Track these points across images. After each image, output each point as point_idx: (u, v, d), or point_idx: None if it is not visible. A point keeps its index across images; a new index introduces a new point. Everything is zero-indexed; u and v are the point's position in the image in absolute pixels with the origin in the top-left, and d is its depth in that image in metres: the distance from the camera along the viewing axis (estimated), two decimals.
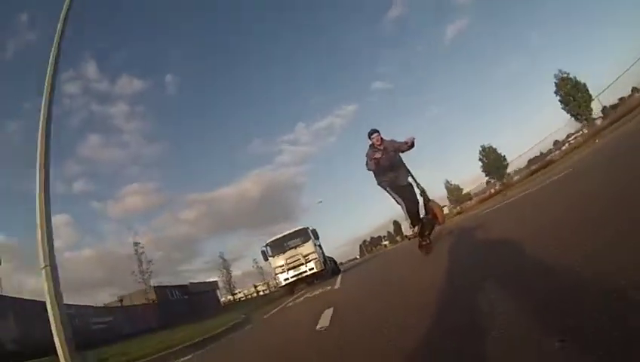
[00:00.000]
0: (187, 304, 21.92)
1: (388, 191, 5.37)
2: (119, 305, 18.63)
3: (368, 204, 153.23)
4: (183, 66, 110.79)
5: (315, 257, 14.50)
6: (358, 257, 75.35)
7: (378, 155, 5.12)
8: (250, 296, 41.93)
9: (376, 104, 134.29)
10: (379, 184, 5.48)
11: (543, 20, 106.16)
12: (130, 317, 15.60)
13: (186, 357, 5.23)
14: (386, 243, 76.11)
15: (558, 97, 26.12)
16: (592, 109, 24.98)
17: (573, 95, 25.17)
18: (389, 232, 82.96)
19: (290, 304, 8.43)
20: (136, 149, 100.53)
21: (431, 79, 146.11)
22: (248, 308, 14.43)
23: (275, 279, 16.80)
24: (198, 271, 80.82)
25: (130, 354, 6.23)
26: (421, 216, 5.49)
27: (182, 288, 22.20)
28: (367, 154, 5.36)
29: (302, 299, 8.36)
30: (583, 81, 25.50)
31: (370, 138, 5.47)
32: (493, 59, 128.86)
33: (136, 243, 21.28)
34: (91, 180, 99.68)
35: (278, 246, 15.00)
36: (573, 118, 25.85)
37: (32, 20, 79.66)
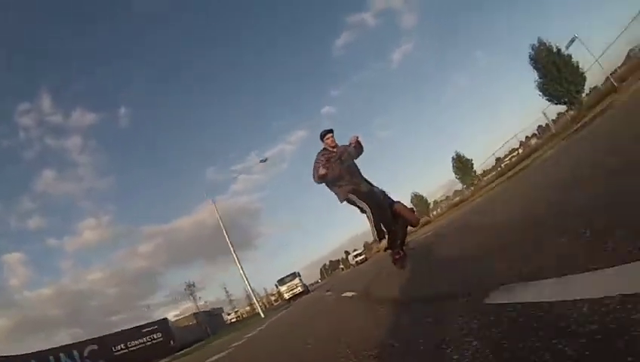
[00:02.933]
0: (214, 323, 29.52)
1: (349, 199, 4.38)
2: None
3: (326, 226, 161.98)
4: (135, 99, 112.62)
5: (300, 285, 30.30)
6: (319, 281, 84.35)
7: (322, 172, 4.25)
8: (236, 319, 50.70)
9: (326, 128, 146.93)
10: (336, 193, 4.52)
11: (486, 39, 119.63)
12: (186, 330, 24.24)
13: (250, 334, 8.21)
14: (342, 266, 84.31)
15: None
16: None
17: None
18: (346, 251, 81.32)
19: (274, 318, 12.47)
20: (91, 183, 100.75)
21: (381, 102, 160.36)
22: (248, 323, 20.29)
23: (281, 297, 33.23)
24: (158, 306, 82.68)
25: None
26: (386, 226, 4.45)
27: (207, 312, 32.60)
28: (316, 160, 4.47)
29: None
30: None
31: (322, 140, 4.63)
32: (441, 78, 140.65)
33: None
34: (46, 216, 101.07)
35: (282, 281, 31.25)
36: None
37: None
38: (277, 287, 32.75)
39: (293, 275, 31.03)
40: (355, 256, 51.37)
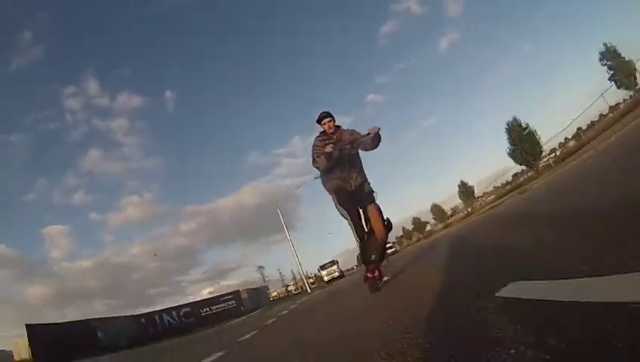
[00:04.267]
0: (258, 298, 36.47)
1: (333, 197, 4.04)
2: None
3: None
4: (181, 82, 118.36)
5: (337, 270, 36.81)
6: (355, 267, 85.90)
7: (329, 148, 3.76)
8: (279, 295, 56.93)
9: (371, 116, 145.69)
10: (324, 184, 4.15)
11: (533, 28, 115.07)
12: (245, 300, 30.65)
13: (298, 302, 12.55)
14: (391, 249, 78.84)
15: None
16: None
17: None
18: (403, 228, 76.47)
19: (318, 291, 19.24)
20: (136, 163, 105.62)
21: (426, 90, 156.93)
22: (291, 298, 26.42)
23: (323, 279, 38.29)
24: (194, 282, 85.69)
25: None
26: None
27: (258, 289, 37.88)
28: (314, 145, 4.06)
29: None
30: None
31: (320, 124, 4.13)
32: (486, 65, 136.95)
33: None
34: (91, 192, 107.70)
35: (323, 267, 38.22)
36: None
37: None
38: (319, 271, 39.47)
39: (332, 262, 37.63)
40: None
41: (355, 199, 4.01)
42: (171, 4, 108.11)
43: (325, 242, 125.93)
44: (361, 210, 4.00)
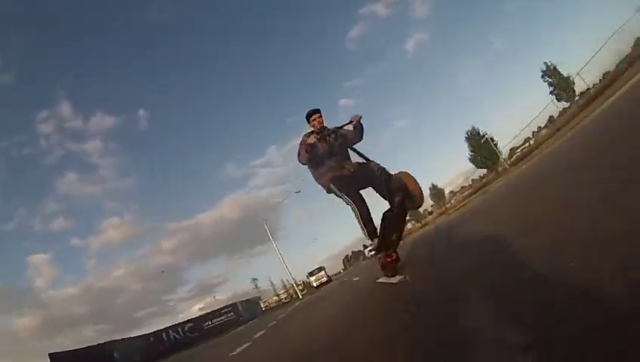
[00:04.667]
0: (253, 308, 38.32)
1: (331, 190, 3.77)
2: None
3: (347, 217, 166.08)
4: (153, 99, 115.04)
5: (325, 276, 39.88)
6: (342, 271, 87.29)
7: (312, 139, 3.71)
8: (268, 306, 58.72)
9: (343, 120, 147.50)
10: (317, 181, 3.94)
11: (502, 25, 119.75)
12: (242, 311, 32.37)
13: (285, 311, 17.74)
14: (362, 257, 78.79)
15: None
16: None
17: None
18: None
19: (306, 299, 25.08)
20: (113, 184, 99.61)
21: (396, 92, 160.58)
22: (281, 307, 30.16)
23: (312, 285, 40.64)
24: (182, 300, 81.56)
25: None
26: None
27: (248, 301, 39.66)
28: (301, 141, 3.84)
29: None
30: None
31: (309, 121, 3.97)
32: (456, 65, 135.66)
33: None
34: (71, 217, 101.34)
35: (312, 273, 41.28)
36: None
37: None
38: (308, 278, 42.54)
39: (320, 269, 41.25)
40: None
41: (356, 181, 3.71)
42: (135, 19, 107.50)
43: (309, 249, 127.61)
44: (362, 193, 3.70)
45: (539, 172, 7.67)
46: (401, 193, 3.47)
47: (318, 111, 4.05)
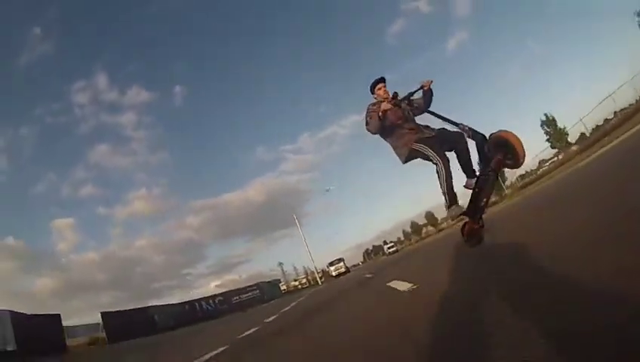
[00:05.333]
0: (274, 290, 40.74)
1: (415, 150, 3.50)
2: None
3: (372, 210, 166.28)
4: (190, 77, 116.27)
5: (343, 266, 42.10)
6: (360, 263, 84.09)
7: (385, 105, 3.42)
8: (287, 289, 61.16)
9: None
10: (395, 147, 3.72)
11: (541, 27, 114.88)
12: (264, 292, 34.70)
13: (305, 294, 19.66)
14: (382, 252, 75.18)
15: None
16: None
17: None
18: (398, 238, 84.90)
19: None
20: (144, 157, 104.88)
21: (434, 88, 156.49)
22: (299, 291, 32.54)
23: (330, 274, 42.82)
24: (200, 276, 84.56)
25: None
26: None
27: (270, 282, 42.14)
28: (367, 110, 3.72)
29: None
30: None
31: (372, 91, 3.86)
32: (496, 66, 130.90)
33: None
34: (99, 186, 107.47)
35: (331, 264, 43.91)
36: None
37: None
38: (327, 267, 45.31)
39: (339, 260, 43.73)
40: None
41: (440, 144, 3.50)
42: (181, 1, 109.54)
43: (331, 239, 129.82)
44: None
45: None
46: (503, 150, 3.21)
47: (383, 80, 3.90)
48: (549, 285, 1.69)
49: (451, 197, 3.39)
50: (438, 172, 3.41)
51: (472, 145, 3.43)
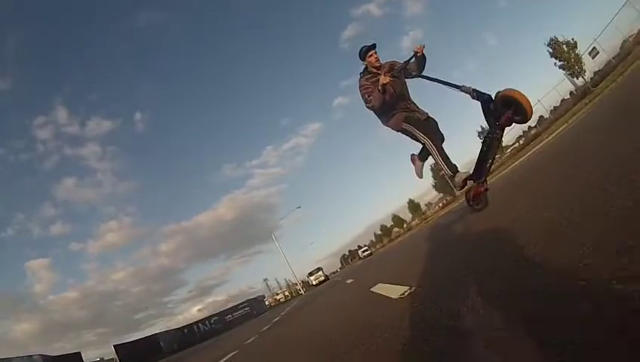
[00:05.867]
0: (261, 305, 43.40)
1: (404, 130, 3.66)
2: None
3: (344, 217, 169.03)
4: (149, 102, 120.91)
5: (323, 275, 45.11)
6: (338, 269, 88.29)
7: (385, 79, 3.41)
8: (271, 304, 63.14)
9: (339, 119, 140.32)
10: (386, 123, 3.81)
11: (496, 22, 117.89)
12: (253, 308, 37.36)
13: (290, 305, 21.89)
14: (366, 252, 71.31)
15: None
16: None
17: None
18: (371, 241, 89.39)
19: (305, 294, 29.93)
20: (111, 188, 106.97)
21: None
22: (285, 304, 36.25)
23: (311, 284, 45.57)
24: (181, 302, 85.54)
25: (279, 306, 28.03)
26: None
27: (255, 299, 44.86)
28: (361, 85, 3.74)
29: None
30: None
31: (364, 58, 3.80)
32: (452, 62, 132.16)
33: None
34: (69, 222, 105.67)
35: (311, 273, 46.53)
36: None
37: None
38: (307, 277, 47.94)
39: (318, 269, 46.66)
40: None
41: (432, 123, 3.68)
42: (135, 24, 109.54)
43: (305, 248, 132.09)
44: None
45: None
46: (512, 107, 3.18)
47: (374, 46, 3.79)
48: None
49: (450, 166, 3.43)
50: (428, 148, 3.50)
51: (477, 106, 3.32)
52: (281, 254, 35.78)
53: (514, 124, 3.39)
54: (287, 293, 63.38)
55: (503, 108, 3.25)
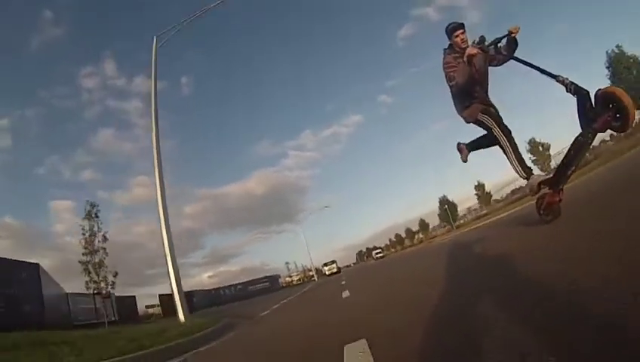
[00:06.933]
0: (276, 283, 47.60)
1: (480, 120, 3.48)
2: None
3: (368, 212, 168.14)
4: (198, 68, 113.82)
5: (336, 267, 48.72)
6: (352, 264, 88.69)
7: (473, 50, 3.25)
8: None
9: (381, 116, 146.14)
10: (461, 112, 3.64)
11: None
12: (272, 283, 41.67)
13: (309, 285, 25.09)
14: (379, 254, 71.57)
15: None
16: None
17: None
18: (390, 240, 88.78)
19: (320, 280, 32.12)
20: (147, 144, 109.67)
21: (436, 96, 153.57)
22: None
23: (324, 273, 48.99)
24: (194, 266, 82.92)
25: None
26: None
27: (273, 276, 49.17)
28: (445, 62, 3.54)
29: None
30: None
31: (451, 37, 3.57)
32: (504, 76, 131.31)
33: None
34: (101, 170, 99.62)
35: (326, 264, 50.60)
36: None
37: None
38: (322, 267, 52.16)
39: (332, 261, 50.39)
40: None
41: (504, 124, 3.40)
42: None
43: (324, 237, 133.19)
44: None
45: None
46: (611, 110, 2.81)
47: (462, 26, 3.56)
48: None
49: (524, 167, 3.29)
50: (503, 146, 3.35)
51: (572, 102, 3.01)
52: (303, 239, 39.49)
53: (609, 130, 3.03)
54: (299, 277, 67.40)
55: (602, 109, 2.90)
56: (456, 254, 5.56)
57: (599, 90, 2.91)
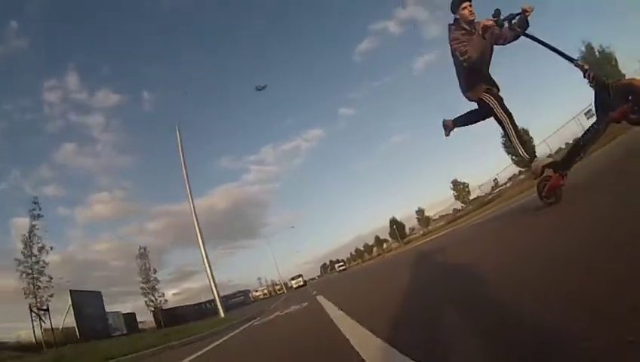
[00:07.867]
0: (247, 297, 50.97)
1: (483, 101, 3.49)
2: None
3: (331, 224, 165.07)
4: (159, 83, 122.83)
5: (303, 281, 55.47)
6: (316, 277, 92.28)
7: (489, 22, 3.23)
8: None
9: (341, 129, 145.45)
10: (465, 92, 3.66)
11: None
12: (246, 298, 45.71)
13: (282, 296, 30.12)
14: (341, 267, 77.44)
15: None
16: None
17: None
18: (351, 253, 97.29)
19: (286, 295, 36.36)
20: (108, 160, 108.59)
21: (398, 108, 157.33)
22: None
23: (291, 287, 55.18)
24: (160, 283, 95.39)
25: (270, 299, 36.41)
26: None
27: (244, 292, 53.19)
28: (453, 38, 3.46)
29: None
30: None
31: (455, 10, 3.52)
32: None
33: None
34: (62, 186, 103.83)
35: (293, 278, 58.02)
36: None
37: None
38: (289, 281, 58.04)
39: (299, 275, 56.13)
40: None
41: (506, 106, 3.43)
42: (160, 7, 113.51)
43: (289, 250, 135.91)
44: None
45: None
46: (630, 100, 2.75)
47: None
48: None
49: (527, 149, 3.35)
50: (505, 127, 3.38)
51: (589, 91, 2.98)
52: (270, 255, 44.80)
53: (626, 122, 2.86)
54: (266, 291, 71.47)
55: (621, 100, 2.79)
56: (400, 264, 7.35)
57: (617, 80, 2.97)
